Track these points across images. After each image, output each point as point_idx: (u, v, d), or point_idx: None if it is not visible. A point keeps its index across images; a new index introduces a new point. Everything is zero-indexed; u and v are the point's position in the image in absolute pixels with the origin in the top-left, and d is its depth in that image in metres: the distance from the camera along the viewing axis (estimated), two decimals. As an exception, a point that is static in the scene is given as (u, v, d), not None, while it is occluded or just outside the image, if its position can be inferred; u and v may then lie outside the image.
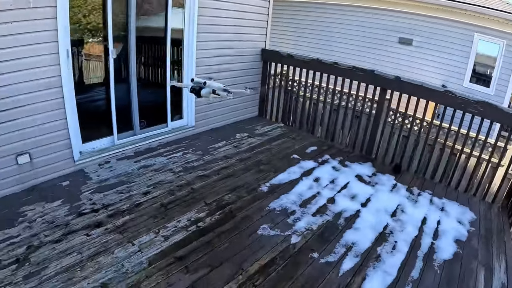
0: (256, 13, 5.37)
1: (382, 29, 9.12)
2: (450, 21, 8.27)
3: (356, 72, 4.76)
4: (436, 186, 4.30)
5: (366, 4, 9.14)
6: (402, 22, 8.83)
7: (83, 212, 3.17)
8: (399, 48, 9.02)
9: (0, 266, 2.50)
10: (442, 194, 4.09)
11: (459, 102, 3.96)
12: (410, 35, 8.79)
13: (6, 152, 3.20)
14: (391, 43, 9.10)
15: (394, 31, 8.99)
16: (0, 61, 2.98)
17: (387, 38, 9.11)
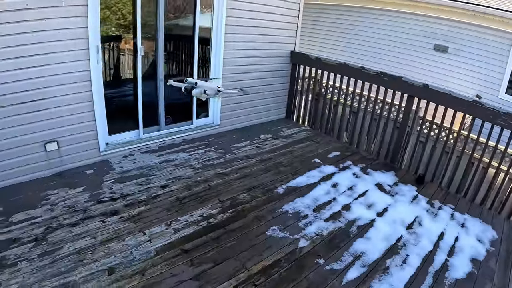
0: (286, 15, 5.38)
1: (418, 35, 8.79)
2: (487, 29, 7.83)
3: (383, 78, 4.64)
4: (459, 200, 4.09)
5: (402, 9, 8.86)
6: (438, 28, 8.46)
7: (102, 200, 3.33)
8: (434, 55, 8.65)
9: (19, 243, 2.70)
10: (464, 209, 3.89)
11: (488, 114, 3.75)
12: (446, 42, 8.41)
13: (36, 139, 3.44)
14: (426, 50, 8.75)
15: (429, 38, 8.65)
16: (33, 54, 3.20)
17: (422, 44, 8.77)
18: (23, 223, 2.91)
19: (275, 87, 5.71)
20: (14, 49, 3.09)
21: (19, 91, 3.23)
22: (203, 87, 3.30)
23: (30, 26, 3.11)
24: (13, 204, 3.15)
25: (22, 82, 3.22)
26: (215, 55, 4.77)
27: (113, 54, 4.10)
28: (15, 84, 3.19)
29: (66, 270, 2.48)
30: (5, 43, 3.02)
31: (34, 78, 3.28)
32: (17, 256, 2.57)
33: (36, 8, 3.10)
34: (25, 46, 3.14)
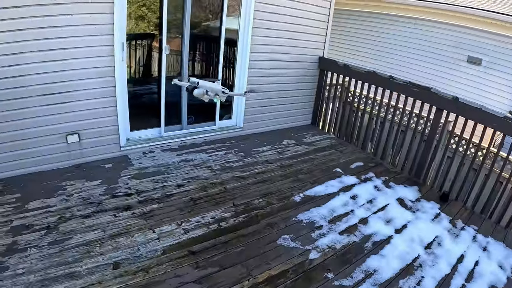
0: (315, 19, 5.28)
1: (451, 46, 8.39)
2: None
3: (411, 88, 4.45)
4: (484, 221, 3.82)
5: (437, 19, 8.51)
6: (472, 40, 8.02)
7: (116, 195, 3.36)
8: (467, 68, 8.22)
9: (31, 230, 2.76)
10: (488, 232, 3.62)
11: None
12: (480, 54, 8.00)
13: (58, 130, 3.53)
14: (459, 61, 8.33)
15: (463, 49, 8.23)
16: (60, 48, 3.29)
17: (455, 56, 8.37)
18: (37, 211, 2.98)
19: (302, 93, 5.60)
20: (43, 42, 3.20)
21: (47, 83, 3.33)
22: (205, 88, 3.23)
23: (57, 21, 3.20)
24: (30, 191, 3.24)
25: (50, 74, 3.33)
26: (241, 57, 4.74)
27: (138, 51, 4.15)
28: (43, 76, 3.30)
29: (72, 261, 2.50)
30: (34, 35, 3.13)
31: (61, 71, 3.38)
32: (28, 242, 2.62)
33: (63, 3, 3.19)
34: (53, 40, 3.24)
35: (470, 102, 3.98)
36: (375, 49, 9.87)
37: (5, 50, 3.04)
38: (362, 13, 10.11)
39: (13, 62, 3.11)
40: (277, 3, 4.74)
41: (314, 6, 5.18)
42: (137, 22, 3.99)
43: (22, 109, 3.27)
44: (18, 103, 3.23)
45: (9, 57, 3.08)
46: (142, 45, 4.24)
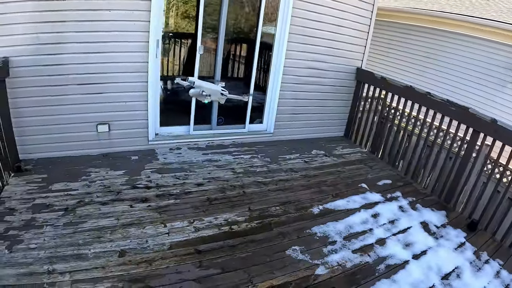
0: (354, 29, 5.16)
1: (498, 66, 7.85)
2: None
3: (448, 107, 4.19)
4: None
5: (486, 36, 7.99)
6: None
7: (136, 186, 3.46)
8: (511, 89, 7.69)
9: (50, 209, 2.92)
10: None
11: None
12: None
13: (89, 119, 3.72)
14: (505, 83, 7.78)
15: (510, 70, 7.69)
16: (99, 41, 3.48)
17: (502, 77, 7.83)
18: (60, 193, 3.15)
19: (336, 103, 5.49)
20: (85, 34, 3.40)
21: (86, 73, 3.54)
22: (201, 88, 3.24)
23: (97, 15, 3.39)
24: (56, 174, 3.43)
25: (89, 65, 3.54)
26: (275, 62, 4.72)
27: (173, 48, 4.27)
28: (83, 66, 3.51)
29: (82, 243, 2.60)
30: (76, 27, 3.33)
31: (99, 63, 3.58)
32: (45, 220, 2.77)
33: None
34: (94, 33, 3.44)
35: (510, 126, 3.67)
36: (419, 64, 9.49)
37: (47, 39, 3.26)
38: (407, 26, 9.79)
39: (55, 51, 3.33)
40: (316, 10, 4.68)
41: (355, 15, 5.07)
42: (177, 22, 4.10)
43: (59, 96, 3.50)
44: (57, 89, 3.46)
45: (51, 46, 3.31)
46: (180, 43, 4.35)
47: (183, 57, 4.78)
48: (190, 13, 4.20)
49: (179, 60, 4.49)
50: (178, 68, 4.49)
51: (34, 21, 3.18)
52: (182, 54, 4.43)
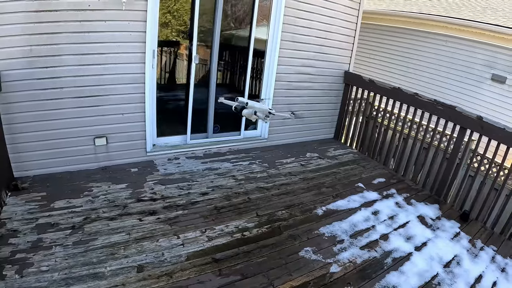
0: (342, 34, 5.29)
1: (477, 63, 8.23)
2: None
3: (436, 106, 4.38)
4: (503, 243, 3.70)
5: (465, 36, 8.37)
6: (498, 57, 7.86)
7: (142, 199, 3.36)
8: (490, 86, 8.05)
9: (56, 228, 2.78)
10: (507, 253, 3.50)
11: None
12: (505, 72, 7.82)
13: (86, 132, 3.61)
14: (483, 79, 8.18)
15: (489, 67, 8.09)
16: (95, 53, 3.38)
17: (480, 73, 8.22)
18: (63, 210, 3.02)
19: (326, 106, 5.58)
20: (78, 46, 3.29)
21: (82, 86, 3.43)
22: (254, 108, 3.26)
23: (92, 26, 3.30)
24: (56, 191, 3.29)
25: (85, 77, 3.43)
26: (268, 68, 4.76)
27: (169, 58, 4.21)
28: (79, 79, 3.40)
29: (97, 261, 2.50)
30: (71, 39, 3.22)
31: (96, 75, 3.48)
32: (53, 241, 2.64)
33: (98, 9, 3.29)
34: (89, 45, 3.34)
35: (494, 121, 3.92)
36: (403, 65, 9.77)
37: (41, 52, 3.14)
38: (389, 28, 10.06)
39: (49, 64, 3.21)
40: (305, 17, 4.77)
41: (342, 20, 5.19)
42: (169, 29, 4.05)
43: (55, 110, 3.36)
44: (52, 103, 3.32)
45: (45, 58, 3.19)
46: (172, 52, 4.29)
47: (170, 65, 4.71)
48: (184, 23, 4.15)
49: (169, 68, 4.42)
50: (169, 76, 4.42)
51: (26, 33, 3.05)
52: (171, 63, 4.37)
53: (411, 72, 9.49)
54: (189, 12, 4.06)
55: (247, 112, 3.23)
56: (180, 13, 4.09)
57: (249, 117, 3.29)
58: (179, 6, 4.08)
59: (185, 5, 4.09)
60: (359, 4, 5.25)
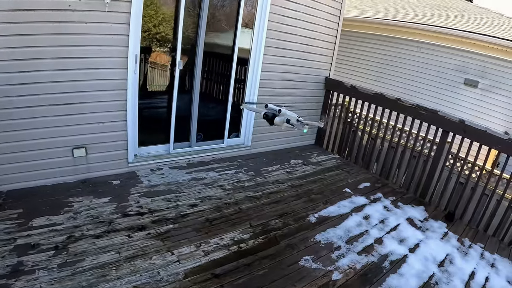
0: (323, 40, 5.31)
1: (450, 68, 8.66)
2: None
3: (419, 111, 4.49)
4: (489, 239, 3.87)
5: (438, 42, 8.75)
6: (470, 62, 8.33)
7: (128, 213, 3.13)
8: (464, 90, 8.48)
9: (38, 249, 2.51)
10: (494, 249, 3.67)
11: None
12: (477, 77, 8.26)
13: (64, 143, 3.33)
14: (456, 84, 8.60)
15: (461, 72, 8.51)
16: (74, 57, 3.13)
17: (454, 78, 8.63)
18: (43, 229, 2.73)
19: (307, 112, 5.54)
20: (56, 49, 3.03)
21: (60, 92, 3.17)
22: (286, 116, 3.01)
23: (72, 28, 3.05)
24: (34, 207, 2.99)
25: (65, 83, 3.17)
26: (252, 75, 4.67)
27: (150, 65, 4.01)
28: (57, 84, 3.13)
29: (87, 285, 2.27)
30: (50, 41, 2.97)
31: (76, 81, 3.23)
32: (35, 264, 2.37)
33: (78, 10, 3.05)
34: (68, 48, 3.09)
35: (476, 124, 4.08)
36: (378, 70, 10.04)
37: (15, 55, 2.85)
38: (368, 35, 10.33)
39: (24, 68, 2.93)
40: (288, 23, 4.74)
41: (324, 27, 5.22)
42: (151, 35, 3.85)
43: (30, 119, 3.07)
44: (27, 111, 3.03)
45: (20, 62, 2.90)
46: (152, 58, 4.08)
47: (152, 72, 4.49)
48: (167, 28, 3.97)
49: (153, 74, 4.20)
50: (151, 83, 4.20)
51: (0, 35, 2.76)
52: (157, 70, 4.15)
53: (386, 78, 9.77)
54: (173, 17, 3.88)
55: (279, 120, 3.00)
56: (164, 18, 3.91)
57: (280, 125, 3.05)
58: (163, 11, 3.90)
59: (170, 10, 3.91)
60: (340, 11, 5.30)
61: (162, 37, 4.00)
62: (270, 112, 3.02)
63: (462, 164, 4.38)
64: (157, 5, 3.82)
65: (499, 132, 3.92)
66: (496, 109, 8.03)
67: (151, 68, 4.08)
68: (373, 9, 11.30)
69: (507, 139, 3.76)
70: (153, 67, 4.09)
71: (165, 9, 3.94)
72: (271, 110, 3.02)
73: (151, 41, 3.90)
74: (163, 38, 4.01)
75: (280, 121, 3.00)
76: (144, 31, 3.65)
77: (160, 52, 4.05)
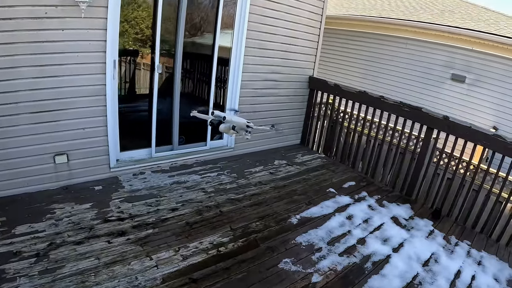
0: (305, 39, 5.34)
1: (437, 64, 8.73)
2: (507, 59, 7.74)
3: (402, 108, 4.54)
4: (476, 236, 3.91)
5: (424, 38, 8.81)
6: (457, 58, 8.41)
7: (109, 219, 3.18)
8: (451, 85, 8.55)
9: (20, 257, 2.55)
10: (481, 246, 3.71)
11: (510, 148, 3.63)
12: (464, 72, 8.35)
13: (45, 150, 3.35)
14: (444, 79, 8.67)
15: (448, 67, 8.59)
16: (46, 64, 3.14)
17: (441, 74, 8.70)
18: (25, 236, 2.77)
19: (292, 112, 5.61)
20: (35, 57, 3.06)
21: (40, 100, 3.19)
22: (232, 123, 3.10)
23: (50, 35, 3.08)
24: (16, 215, 3.02)
25: (44, 90, 3.19)
26: (233, 76, 4.70)
27: (130, 68, 4.04)
28: (36, 92, 3.15)
29: (66, 292, 2.31)
30: (28, 50, 2.99)
31: (55, 88, 3.26)
32: (17, 271, 2.42)
33: (55, 17, 3.07)
34: (47, 55, 3.12)
35: (460, 120, 4.10)
36: (364, 68, 10.08)
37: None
38: (354, 33, 10.34)
39: (5, 76, 2.95)
40: (269, 23, 4.76)
41: (306, 26, 5.25)
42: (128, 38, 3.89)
43: (10, 127, 3.09)
44: (8, 120, 3.06)
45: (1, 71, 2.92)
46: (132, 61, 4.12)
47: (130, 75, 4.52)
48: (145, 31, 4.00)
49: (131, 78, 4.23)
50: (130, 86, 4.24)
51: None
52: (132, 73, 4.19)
53: (373, 75, 9.81)
54: (151, 19, 3.91)
55: (224, 127, 3.09)
56: (142, 21, 3.93)
57: (227, 132, 3.14)
58: (140, 13, 3.93)
59: (147, 12, 3.94)
60: (322, 9, 5.33)
61: (140, 40, 4.03)
62: (216, 120, 3.08)
63: (448, 160, 4.42)
64: (135, 8, 3.85)
65: (484, 128, 3.96)
66: (484, 103, 8.09)
67: (130, 71, 4.11)
68: (359, 7, 11.32)
69: (492, 135, 3.79)
70: (132, 70, 4.13)
71: (143, 12, 3.97)
72: (217, 117, 3.09)
73: (129, 44, 3.93)
74: (141, 40, 4.04)
75: (225, 128, 3.07)
76: (122, 35, 3.68)
77: (139, 56, 4.09)
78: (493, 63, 7.93)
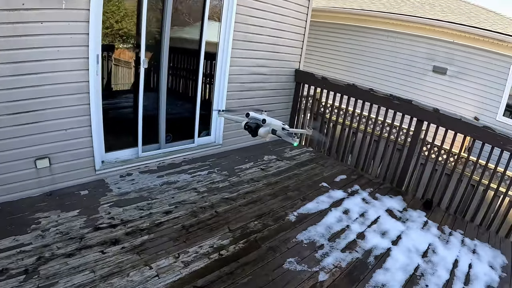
0: (292, 32, 5.23)
1: (419, 56, 8.91)
2: (486, 52, 7.99)
3: (392, 101, 4.53)
4: (467, 225, 4.00)
5: (406, 31, 8.94)
6: (438, 50, 8.60)
7: (100, 227, 2.95)
8: (433, 77, 8.76)
9: (7, 275, 2.31)
10: (473, 235, 3.80)
11: (498, 140, 3.71)
12: (445, 64, 8.55)
13: (25, 154, 3.07)
14: (425, 71, 8.87)
15: (430, 60, 8.77)
16: (24, 61, 2.86)
17: (423, 66, 8.89)
18: (10, 251, 2.52)
19: (278, 106, 5.50)
20: (12, 53, 2.76)
21: (18, 100, 2.90)
22: (272, 126, 2.69)
23: (28, 29, 2.79)
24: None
25: (22, 89, 2.90)
26: (220, 70, 4.53)
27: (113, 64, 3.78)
28: (14, 92, 2.86)
29: (63, 312, 2.11)
30: (1, 45, 2.69)
31: (34, 86, 2.97)
32: (5, 292, 2.17)
33: (33, 9, 2.78)
34: (25, 50, 2.83)
35: (450, 113, 4.15)
36: (347, 60, 10.12)
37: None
38: (336, 25, 10.34)
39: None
40: (257, 15, 4.62)
41: (293, 18, 5.14)
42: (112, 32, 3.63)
43: (-16, 132, 2.79)
44: (-20, 124, 2.75)
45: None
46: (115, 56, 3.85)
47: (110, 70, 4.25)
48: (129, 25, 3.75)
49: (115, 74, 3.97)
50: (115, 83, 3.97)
51: None
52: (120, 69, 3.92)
53: (356, 68, 9.87)
54: (135, 12, 3.66)
55: (264, 132, 2.68)
56: (127, 14, 3.68)
57: (265, 136, 2.72)
58: (125, 6, 3.67)
59: (132, 5, 3.69)
60: (308, 1, 5.23)
61: (125, 33, 3.79)
62: (253, 122, 2.73)
63: (438, 151, 4.49)
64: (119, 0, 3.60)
65: (473, 120, 4.04)
66: (465, 95, 8.33)
67: (115, 66, 3.86)
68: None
69: (482, 126, 3.85)
70: (117, 66, 3.88)
71: (128, 4, 3.71)
72: (253, 119, 2.74)
73: (114, 38, 3.68)
74: (126, 34, 3.79)
75: (265, 132, 2.70)
76: (106, 28, 3.42)
77: (124, 49, 3.84)
78: (474, 55, 8.16)
